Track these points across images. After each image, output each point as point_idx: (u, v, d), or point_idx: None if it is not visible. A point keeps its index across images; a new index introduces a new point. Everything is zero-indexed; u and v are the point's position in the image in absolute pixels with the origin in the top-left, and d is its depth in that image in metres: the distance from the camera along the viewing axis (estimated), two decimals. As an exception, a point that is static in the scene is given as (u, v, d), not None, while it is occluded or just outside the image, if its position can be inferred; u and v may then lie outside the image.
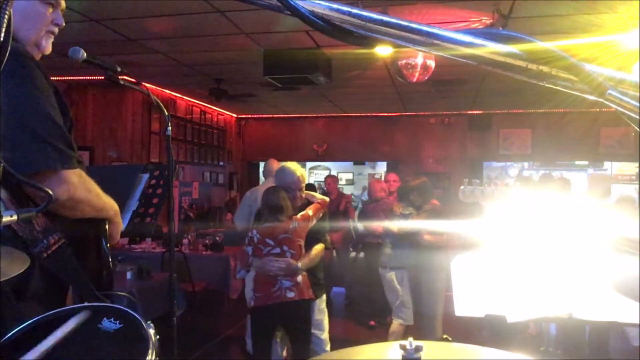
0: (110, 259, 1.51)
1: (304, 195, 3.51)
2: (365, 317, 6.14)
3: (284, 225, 3.27)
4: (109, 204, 1.52)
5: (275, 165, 4.71)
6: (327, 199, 3.65)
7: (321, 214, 3.44)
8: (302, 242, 3.31)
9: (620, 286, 0.96)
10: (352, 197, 9.22)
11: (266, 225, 3.32)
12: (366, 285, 6.48)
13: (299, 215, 3.33)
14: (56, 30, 1.52)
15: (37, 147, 1.30)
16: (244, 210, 4.48)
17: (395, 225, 4.44)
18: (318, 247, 3.40)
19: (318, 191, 6.19)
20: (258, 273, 3.33)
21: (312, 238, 3.38)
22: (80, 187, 1.38)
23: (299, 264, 3.21)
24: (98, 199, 1.46)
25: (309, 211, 3.38)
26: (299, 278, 3.21)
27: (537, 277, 1.71)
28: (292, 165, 3.53)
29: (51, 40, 1.52)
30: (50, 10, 1.48)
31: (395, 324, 4.48)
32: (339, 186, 7.92)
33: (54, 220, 1.36)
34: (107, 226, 1.51)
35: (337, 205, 6.78)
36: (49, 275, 1.39)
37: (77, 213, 1.41)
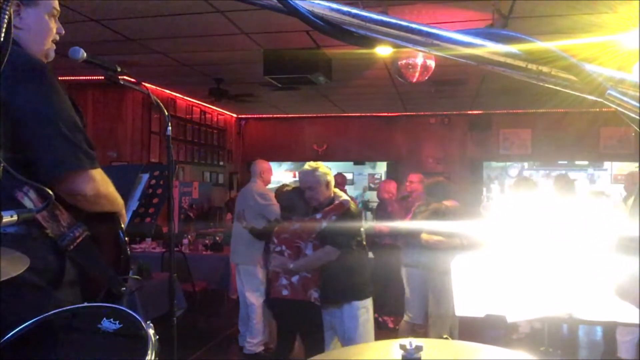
0: (127, 247, 1.63)
1: (319, 197, 3.34)
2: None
3: (286, 226, 3.43)
4: (119, 197, 1.64)
5: (265, 165, 4.92)
6: (348, 199, 3.41)
7: (334, 217, 3.27)
8: (303, 244, 3.30)
9: (619, 290, 0.96)
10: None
11: (279, 225, 3.57)
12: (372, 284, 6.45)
13: (308, 217, 3.34)
14: (58, 38, 1.62)
15: (68, 150, 1.42)
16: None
17: (401, 224, 4.46)
18: (319, 251, 3.28)
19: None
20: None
21: (322, 241, 3.28)
22: (103, 183, 1.53)
23: (291, 265, 3.26)
24: (114, 193, 1.60)
25: (318, 214, 3.32)
26: (295, 278, 3.25)
27: (537, 277, 1.71)
28: (309, 165, 3.41)
29: (54, 47, 1.62)
30: (53, 20, 1.59)
31: (404, 321, 4.51)
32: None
33: (77, 216, 1.49)
34: (120, 218, 1.64)
35: None
36: (78, 264, 1.51)
37: (97, 207, 1.55)
